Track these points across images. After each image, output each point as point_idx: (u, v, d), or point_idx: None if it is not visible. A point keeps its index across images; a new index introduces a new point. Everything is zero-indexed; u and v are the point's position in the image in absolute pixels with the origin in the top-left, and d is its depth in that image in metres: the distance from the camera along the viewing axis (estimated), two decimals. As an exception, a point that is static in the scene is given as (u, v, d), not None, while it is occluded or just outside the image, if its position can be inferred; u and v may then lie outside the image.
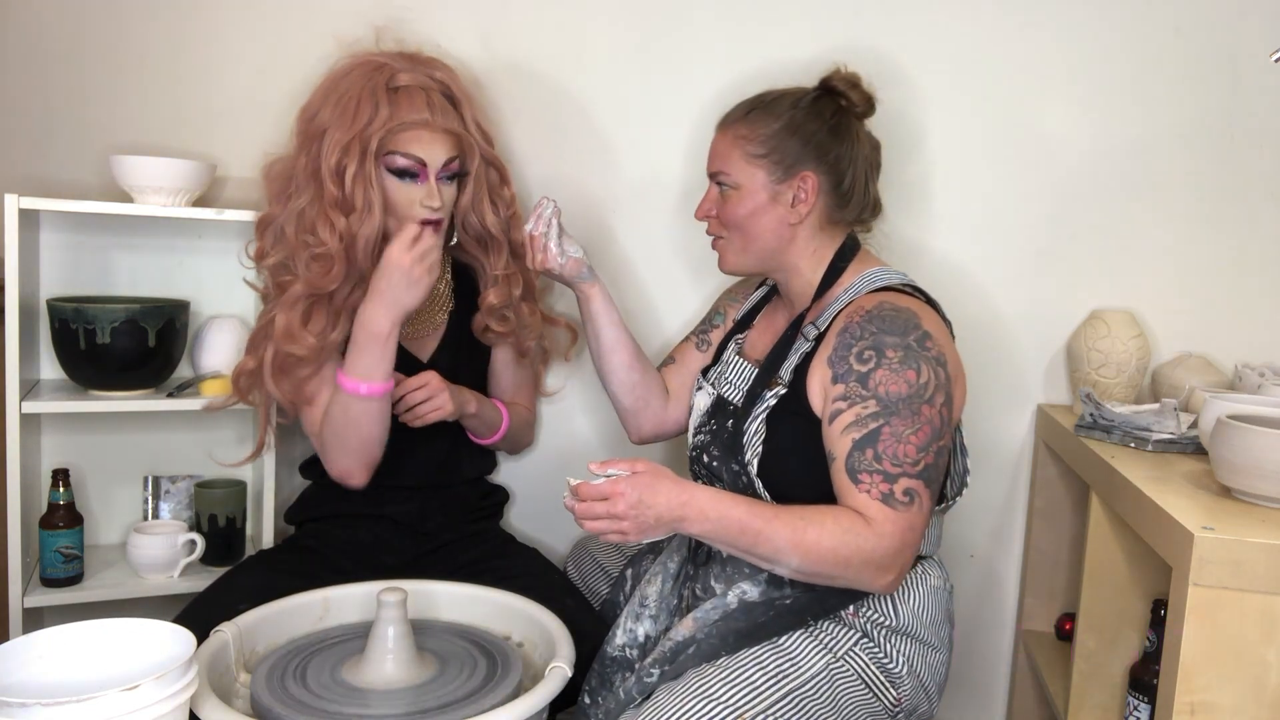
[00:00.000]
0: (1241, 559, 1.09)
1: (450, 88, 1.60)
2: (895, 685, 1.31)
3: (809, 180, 1.39)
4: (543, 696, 1.18)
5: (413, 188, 1.53)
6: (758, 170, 1.39)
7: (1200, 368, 1.79)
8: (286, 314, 1.52)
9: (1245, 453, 1.22)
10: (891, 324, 1.28)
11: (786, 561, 1.22)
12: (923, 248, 1.88)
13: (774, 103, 1.42)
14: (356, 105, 1.51)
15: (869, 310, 1.30)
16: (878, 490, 1.22)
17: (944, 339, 1.31)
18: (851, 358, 1.27)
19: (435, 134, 1.53)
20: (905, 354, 1.25)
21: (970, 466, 1.44)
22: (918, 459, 1.23)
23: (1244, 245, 1.86)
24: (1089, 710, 1.57)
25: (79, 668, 1.11)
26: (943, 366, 1.27)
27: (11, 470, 1.57)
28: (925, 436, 1.23)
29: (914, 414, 1.23)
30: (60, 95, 1.76)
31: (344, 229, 1.51)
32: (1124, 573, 1.53)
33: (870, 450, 1.23)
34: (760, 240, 1.41)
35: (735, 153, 1.40)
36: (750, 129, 1.40)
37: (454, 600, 1.46)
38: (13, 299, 1.56)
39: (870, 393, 1.24)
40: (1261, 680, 1.11)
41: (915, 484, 1.23)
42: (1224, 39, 1.81)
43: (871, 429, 1.23)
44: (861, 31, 1.85)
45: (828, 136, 1.40)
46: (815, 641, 1.30)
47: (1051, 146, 1.86)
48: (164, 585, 1.69)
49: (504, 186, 1.67)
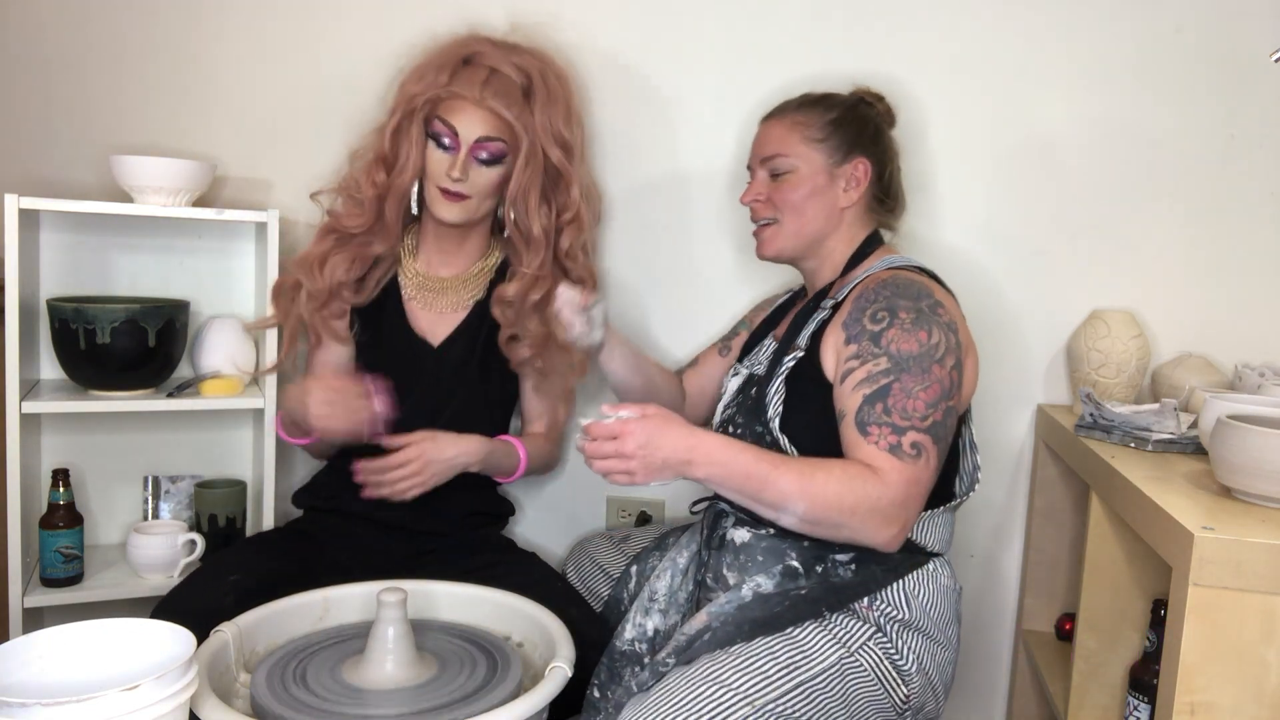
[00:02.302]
0: (1241, 559, 1.09)
1: (533, 81, 1.61)
2: (905, 682, 1.32)
3: (861, 166, 1.48)
4: (543, 696, 1.18)
5: (445, 156, 1.57)
6: (816, 153, 1.46)
7: (1200, 368, 1.78)
8: (313, 245, 1.66)
9: (1245, 453, 1.22)
10: (905, 289, 1.33)
11: (793, 508, 1.23)
12: (923, 248, 1.88)
13: (825, 97, 1.52)
14: (426, 69, 1.59)
15: (883, 279, 1.36)
16: (885, 441, 1.24)
17: (956, 312, 1.37)
18: (865, 319, 1.31)
19: (479, 109, 1.56)
20: (918, 316, 1.30)
21: (980, 463, 1.46)
22: (926, 414, 1.25)
23: (1244, 245, 1.86)
24: (1089, 710, 1.57)
25: (79, 668, 1.11)
26: (953, 333, 1.32)
27: (11, 470, 1.58)
28: (935, 394, 1.26)
29: (924, 371, 1.26)
30: (60, 95, 1.76)
31: (381, 183, 1.60)
32: (1124, 573, 1.53)
33: (880, 404, 1.25)
34: (813, 223, 1.47)
35: (794, 135, 1.47)
36: (808, 116, 1.48)
37: (454, 600, 1.46)
38: (13, 299, 1.56)
39: (882, 350, 1.28)
40: (1261, 680, 1.11)
41: (923, 439, 1.24)
42: (1224, 39, 1.81)
43: (882, 385, 1.26)
44: (862, 30, 1.85)
45: (875, 130, 1.52)
46: (828, 634, 1.31)
47: (1052, 146, 1.86)
48: (164, 585, 1.69)
49: (562, 191, 1.65)
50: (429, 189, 1.60)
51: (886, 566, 1.34)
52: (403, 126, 1.59)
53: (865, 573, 1.34)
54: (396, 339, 1.67)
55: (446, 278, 1.68)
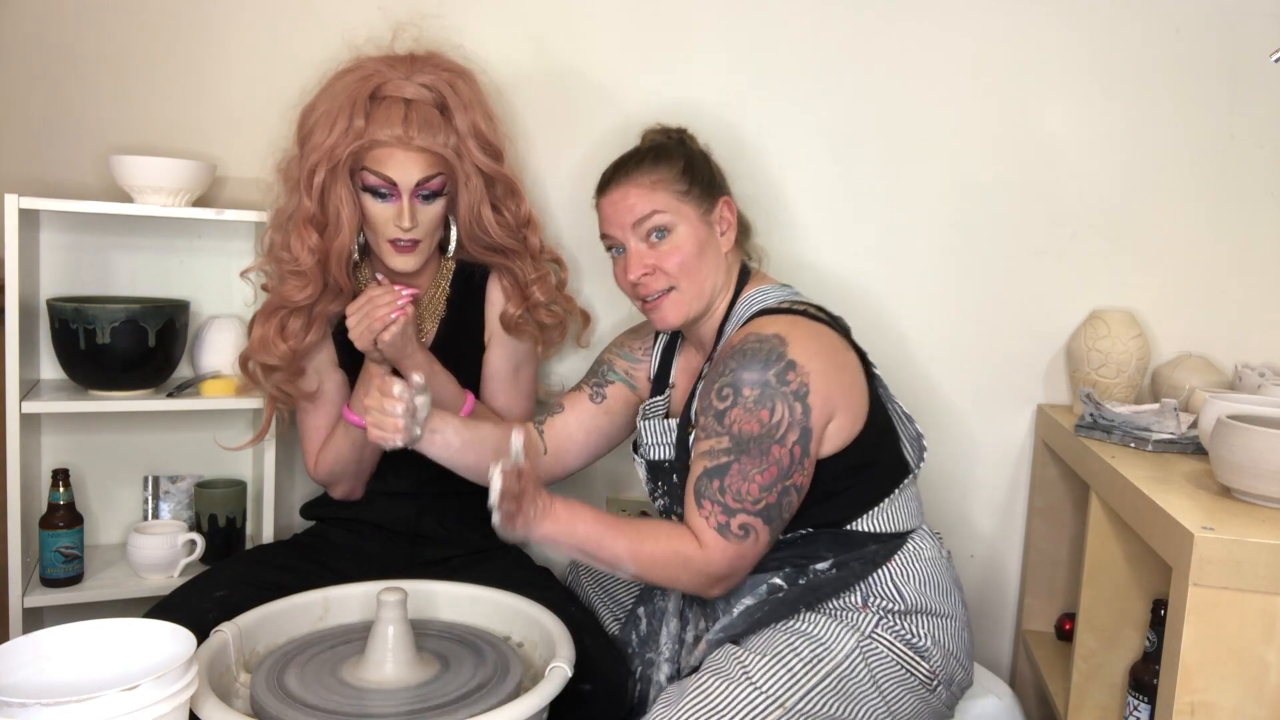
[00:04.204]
0: (1241, 559, 1.09)
1: (445, 97, 1.54)
2: (925, 658, 1.33)
3: (727, 206, 1.44)
4: (543, 696, 1.18)
5: (386, 206, 1.50)
6: (687, 206, 1.39)
7: (1200, 368, 1.78)
8: (261, 326, 1.55)
9: (1245, 453, 1.22)
10: (753, 357, 1.28)
11: (625, 568, 1.29)
12: (923, 248, 1.89)
13: (660, 148, 1.43)
14: (337, 115, 1.49)
15: (735, 345, 1.32)
16: (715, 520, 1.27)
17: (813, 361, 1.29)
18: (713, 394, 1.31)
19: (409, 152, 1.48)
20: (761, 392, 1.26)
21: (922, 430, 1.45)
22: (759, 498, 1.27)
23: (1244, 245, 1.86)
24: (1089, 710, 1.57)
25: (79, 668, 1.11)
26: (801, 400, 1.27)
27: (11, 470, 1.57)
28: (771, 477, 1.27)
29: (763, 454, 1.26)
30: (60, 95, 1.76)
31: (316, 245, 1.51)
32: (1124, 573, 1.53)
33: (717, 481, 1.27)
34: (709, 279, 1.41)
35: (660, 193, 1.38)
36: (662, 172, 1.39)
37: (454, 600, 1.46)
38: (13, 299, 1.56)
39: (725, 429, 1.28)
40: (1261, 680, 1.11)
41: (753, 521, 1.27)
42: (1224, 39, 1.81)
43: (722, 462, 1.27)
44: (863, 31, 1.85)
45: (712, 166, 1.46)
46: (840, 623, 1.33)
47: (1052, 146, 1.86)
48: (164, 585, 1.69)
49: (507, 193, 1.61)
50: (376, 241, 1.53)
51: (865, 560, 1.35)
52: (327, 184, 1.49)
53: (845, 570, 1.35)
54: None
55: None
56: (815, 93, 1.86)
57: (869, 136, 1.87)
